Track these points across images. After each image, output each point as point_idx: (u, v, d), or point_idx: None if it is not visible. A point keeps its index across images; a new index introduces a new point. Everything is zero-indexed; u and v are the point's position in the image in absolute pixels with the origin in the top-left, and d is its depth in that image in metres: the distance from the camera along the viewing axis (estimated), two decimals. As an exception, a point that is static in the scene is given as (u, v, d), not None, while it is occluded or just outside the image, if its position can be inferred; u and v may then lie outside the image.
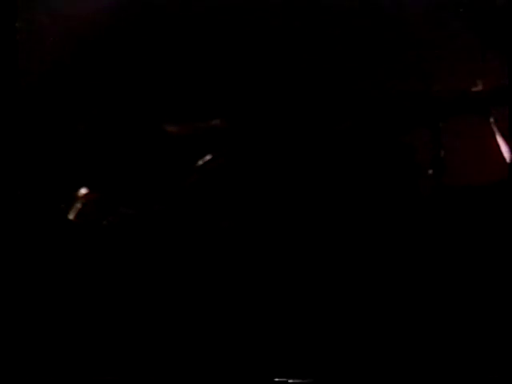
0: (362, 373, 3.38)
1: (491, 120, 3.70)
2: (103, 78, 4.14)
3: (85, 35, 4.12)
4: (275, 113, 4.06)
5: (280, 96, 4.11)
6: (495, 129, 3.70)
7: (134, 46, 4.20)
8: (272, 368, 3.40)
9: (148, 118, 4.02)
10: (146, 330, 3.54)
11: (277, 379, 3.37)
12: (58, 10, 4.09)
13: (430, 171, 3.72)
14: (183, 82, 4.17)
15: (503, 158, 3.67)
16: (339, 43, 4.20)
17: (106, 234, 3.67)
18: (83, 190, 3.74)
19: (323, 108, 4.11)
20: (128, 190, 3.81)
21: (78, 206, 3.70)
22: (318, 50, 4.21)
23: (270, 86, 4.13)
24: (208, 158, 3.76)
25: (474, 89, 3.70)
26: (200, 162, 3.76)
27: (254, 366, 3.43)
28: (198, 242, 3.66)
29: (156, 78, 4.17)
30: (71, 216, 3.68)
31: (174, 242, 3.66)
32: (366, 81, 4.16)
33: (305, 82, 4.14)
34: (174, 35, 4.23)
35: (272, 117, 4.06)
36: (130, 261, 3.61)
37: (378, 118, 3.81)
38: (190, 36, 4.21)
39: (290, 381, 3.36)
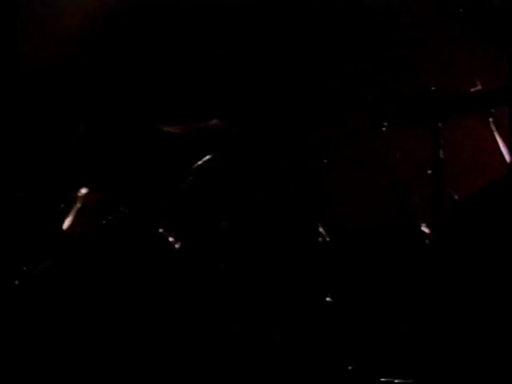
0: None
1: (491, 120, 3.70)
2: (103, 79, 4.16)
3: (85, 36, 4.14)
4: (273, 114, 4.08)
5: (277, 97, 4.12)
6: (495, 129, 3.70)
7: (133, 48, 4.22)
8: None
9: (147, 119, 4.04)
10: (148, 329, 3.55)
11: None
12: (58, 10, 4.11)
13: (430, 171, 3.72)
14: (182, 84, 4.18)
15: (503, 158, 3.67)
16: (337, 45, 4.21)
17: (106, 233, 3.68)
18: (83, 190, 3.75)
19: (320, 110, 4.12)
20: (128, 190, 3.82)
21: (78, 205, 3.71)
22: (316, 53, 4.22)
23: (268, 88, 4.14)
24: (207, 158, 3.78)
25: (473, 89, 3.69)
26: (199, 162, 3.78)
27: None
28: (198, 241, 3.68)
29: (155, 79, 4.19)
30: (71, 216, 3.70)
31: (174, 241, 3.67)
32: (367, 82, 4.17)
33: (303, 84, 4.16)
34: (173, 38, 4.25)
35: (270, 118, 4.07)
36: (129, 260, 3.63)
37: (379, 118, 3.81)
38: (190, 39, 4.23)
39: None
